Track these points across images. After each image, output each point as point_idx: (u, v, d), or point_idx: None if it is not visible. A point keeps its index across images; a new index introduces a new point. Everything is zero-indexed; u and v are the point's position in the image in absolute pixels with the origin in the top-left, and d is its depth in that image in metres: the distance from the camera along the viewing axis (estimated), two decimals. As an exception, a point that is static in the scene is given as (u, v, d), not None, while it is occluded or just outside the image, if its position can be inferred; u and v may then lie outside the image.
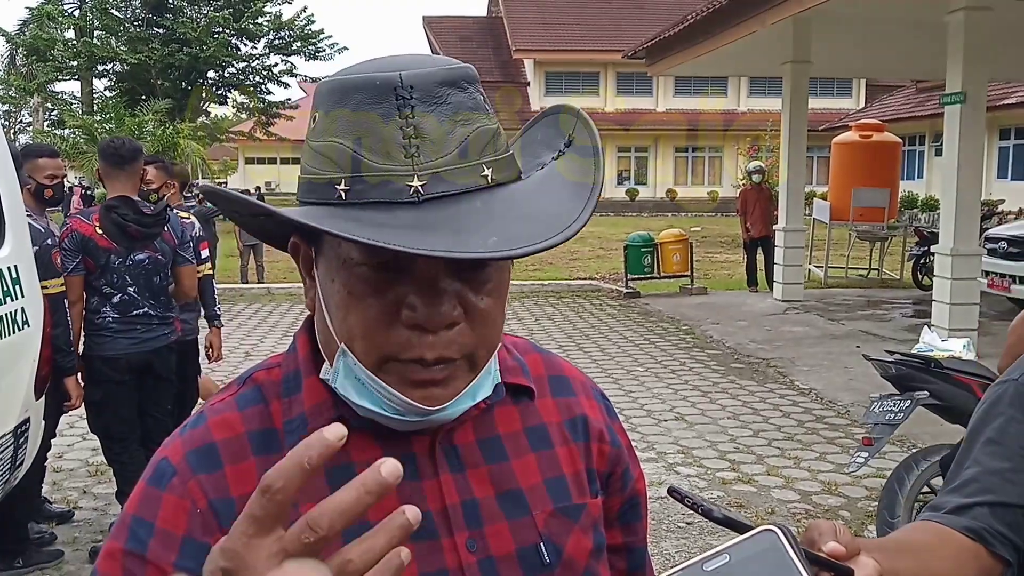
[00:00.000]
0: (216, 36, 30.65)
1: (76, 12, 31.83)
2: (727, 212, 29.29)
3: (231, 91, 32.66)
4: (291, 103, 32.86)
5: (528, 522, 0.91)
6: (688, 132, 35.92)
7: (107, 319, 4.29)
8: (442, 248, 0.72)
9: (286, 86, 33.71)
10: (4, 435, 3.57)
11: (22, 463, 3.81)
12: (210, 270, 5.15)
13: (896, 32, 11.39)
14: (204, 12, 31.44)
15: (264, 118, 31.95)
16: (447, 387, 0.82)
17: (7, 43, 33.13)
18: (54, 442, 4.84)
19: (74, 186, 25.67)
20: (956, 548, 1.10)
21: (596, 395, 1.05)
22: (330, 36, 33.13)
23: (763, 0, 10.28)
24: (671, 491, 0.82)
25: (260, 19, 31.52)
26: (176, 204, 5.38)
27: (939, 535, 1.12)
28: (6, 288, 3.60)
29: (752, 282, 13.53)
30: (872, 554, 0.84)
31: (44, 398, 3.97)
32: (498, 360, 0.90)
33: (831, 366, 8.52)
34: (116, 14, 31.15)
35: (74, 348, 4.26)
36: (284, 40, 32.54)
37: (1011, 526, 1.13)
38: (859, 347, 8.92)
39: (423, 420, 0.83)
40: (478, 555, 0.87)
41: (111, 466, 4.53)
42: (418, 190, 0.76)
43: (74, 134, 25.66)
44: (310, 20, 32.35)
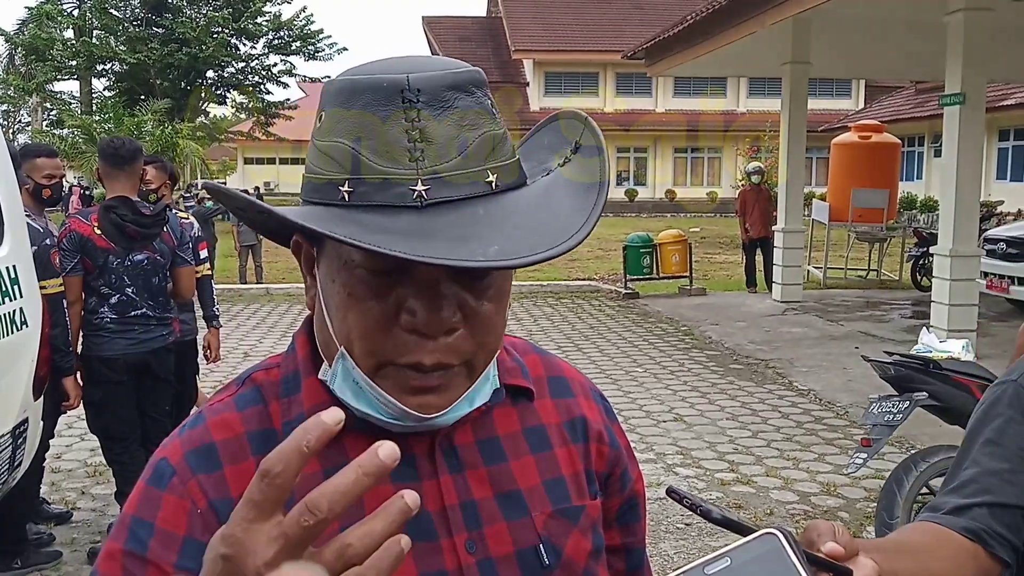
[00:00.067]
0: (215, 36, 30.66)
1: (75, 12, 31.83)
2: (726, 213, 29.28)
3: (230, 91, 32.67)
4: (290, 103, 32.85)
5: (527, 523, 0.90)
6: (687, 133, 35.94)
7: (105, 319, 4.29)
8: (443, 256, 0.72)
9: (285, 86, 33.76)
10: (2, 436, 3.56)
11: (20, 464, 3.81)
12: (209, 270, 5.15)
13: (895, 33, 11.41)
14: (203, 12, 31.45)
15: (263, 118, 31.94)
16: (444, 394, 0.82)
17: (6, 43, 33.15)
18: (52, 443, 4.84)
19: (73, 186, 25.68)
20: (955, 549, 1.10)
21: (595, 396, 1.05)
22: (329, 36, 33.14)
23: (762, 1, 10.28)
24: (670, 492, 0.82)
25: (259, 19, 31.54)
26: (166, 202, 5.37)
27: (938, 536, 1.12)
28: (5, 288, 3.60)
29: (751, 283, 13.53)
30: (871, 555, 0.84)
31: (42, 398, 3.97)
32: (497, 362, 0.90)
33: (830, 367, 8.52)
34: (115, 14, 31.16)
35: (73, 348, 4.26)
36: (283, 40, 32.55)
37: (1010, 527, 1.13)
38: (858, 348, 8.91)
39: (420, 425, 0.84)
40: (477, 556, 0.87)
41: (111, 466, 4.52)
42: (421, 195, 0.76)
43: (73, 134, 25.67)
44: (309, 20, 32.38)
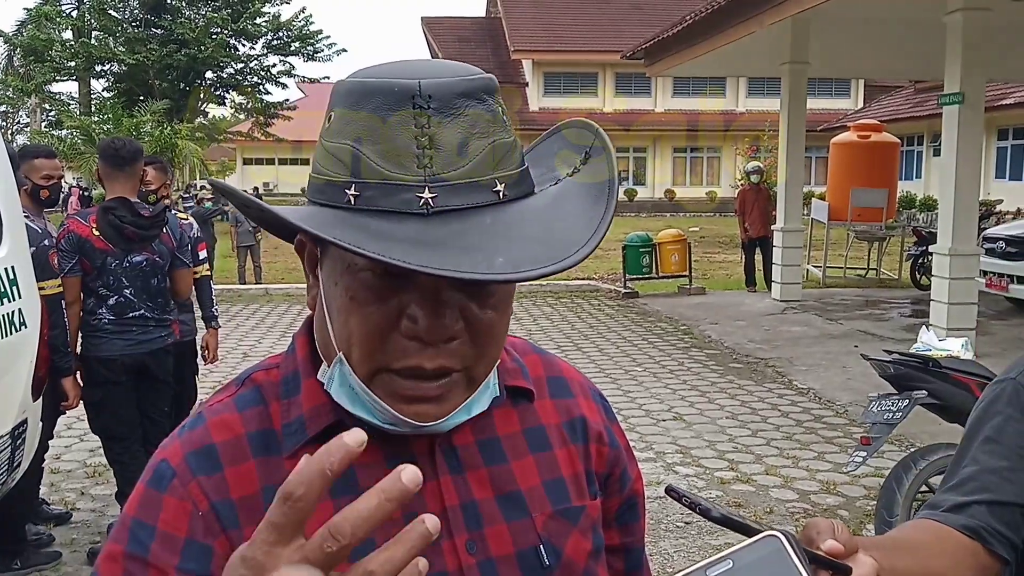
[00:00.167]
0: (214, 37, 30.62)
1: (74, 13, 31.77)
2: (726, 212, 29.28)
3: (229, 92, 32.64)
4: (289, 104, 32.84)
5: (527, 524, 0.90)
6: (687, 132, 35.94)
7: (103, 320, 4.29)
8: (448, 267, 0.71)
9: (284, 87, 33.71)
10: (1, 436, 3.56)
11: (20, 464, 3.80)
12: (208, 271, 5.15)
13: (894, 33, 11.40)
14: (202, 13, 31.40)
15: (262, 119, 31.92)
16: (441, 404, 0.82)
17: (5, 44, 33.09)
18: (52, 443, 4.84)
19: (72, 187, 25.67)
20: (954, 546, 1.10)
21: (594, 396, 1.04)
22: (328, 36, 33.04)
23: (761, 1, 10.27)
24: (669, 490, 0.82)
25: (258, 20, 31.46)
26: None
27: (937, 533, 1.12)
28: (3, 289, 3.60)
29: (750, 282, 13.53)
30: (870, 552, 0.84)
31: (41, 399, 3.97)
32: (498, 364, 0.89)
33: (829, 366, 8.52)
34: (114, 15, 31.11)
35: (71, 349, 4.25)
36: (282, 41, 32.51)
37: (1009, 524, 1.13)
38: (857, 347, 8.91)
39: (415, 431, 0.83)
40: (478, 557, 0.87)
41: (111, 467, 4.52)
42: (428, 202, 0.75)
43: (72, 135, 25.63)
44: (308, 21, 32.32)
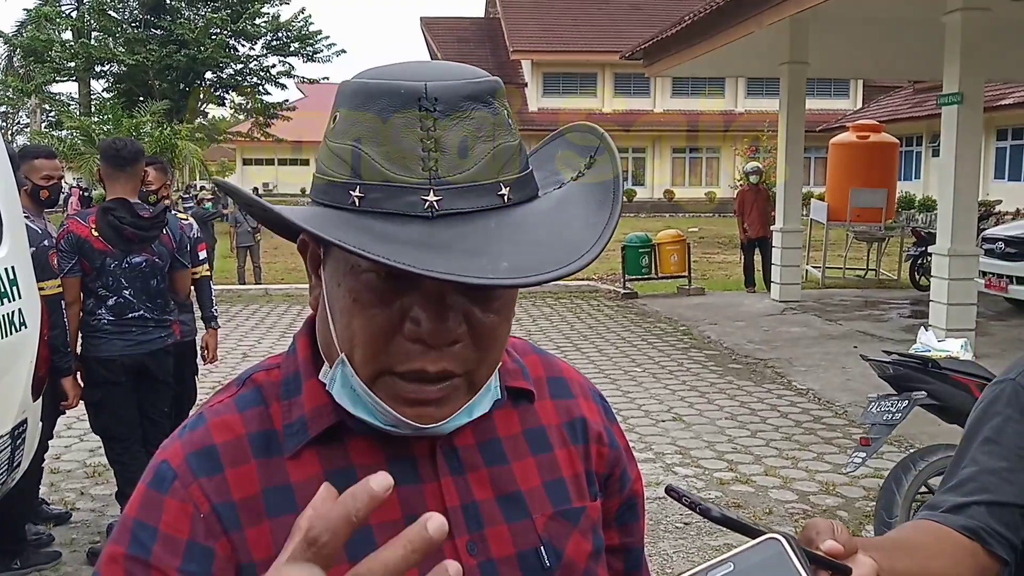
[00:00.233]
0: (214, 37, 30.63)
1: (74, 13, 31.77)
2: (725, 213, 29.26)
3: (229, 92, 32.65)
4: (289, 104, 32.84)
5: (528, 525, 0.91)
6: (686, 133, 35.94)
7: (103, 321, 4.28)
8: (453, 271, 0.71)
9: (283, 87, 33.72)
10: (1, 436, 3.56)
11: (19, 464, 3.81)
12: (207, 271, 5.15)
13: (893, 33, 11.41)
14: (202, 13, 31.42)
15: (262, 119, 31.93)
16: (443, 407, 0.82)
17: (5, 44, 33.10)
18: (52, 443, 4.84)
19: (72, 187, 25.66)
20: (953, 547, 1.10)
21: (594, 396, 1.05)
22: (328, 37, 33.04)
23: (760, 1, 10.28)
24: (669, 490, 0.82)
25: (258, 20, 31.49)
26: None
27: (936, 534, 1.12)
28: (3, 289, 3.60)
29: (749, 283, 13.53)
30: (870, 553, 0.84)
31: (41, 399, 3.97)
32: (499, 365, 0.89)
33: (828, 366, 8.52)
34: (114, 15, 31.14)
35: (71, 349, 4.25)
36: (282, 41, 32.52)
37: (1008, 525, 1.13)
38: (856, 347, 8.91)
39: (417, 433, 0.83)
40: (478, 558, 0.87)
41: (112, 467, 4.52)
42: (433, 205, 0.75)
43: (72, 135, 25.65)
44: (308, 21, 32.34)
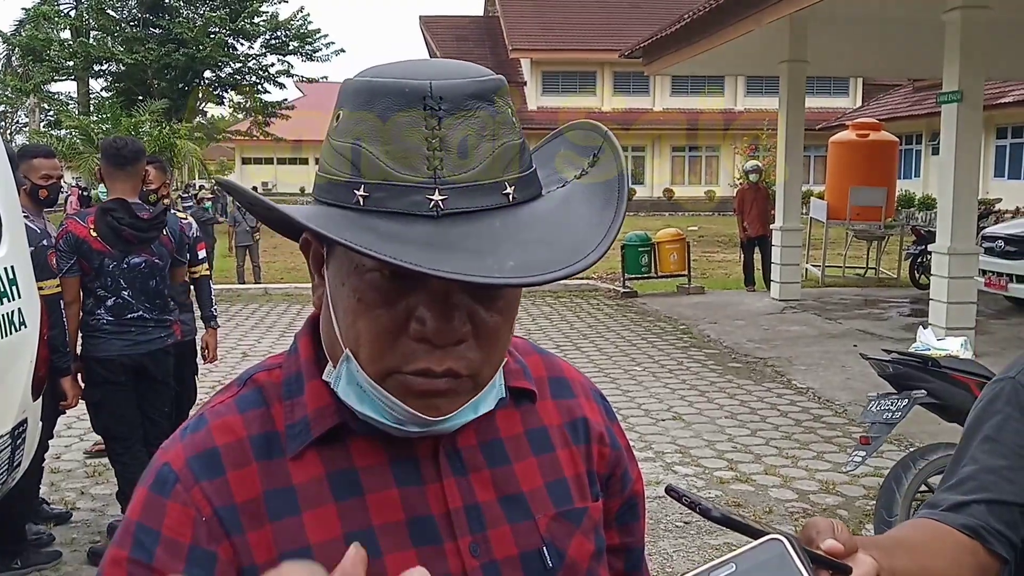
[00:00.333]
0: (213, 36, 30.60)
1: (72, 12, 31.75)
2: (724, 211, 29.27)
3: (228, 91, 32.63)
4: (288, 103, 32.83)
5: (530, 526, 0.90)
6: (686, 131, 35.94)
7: (102, 321, 4.28)
8: (459, 270, 0.71)
9: (282, 87, 33.70)
10: (2, 436, 3.56)
11: (20, 464, 3.80)
12: (207, 271, 5.15)
13: (893, 31, 11.41)
14: (201, 12, 31.38)
15: (261, 118, 31.91)
16: (451, 400, 0.82)
17: (3, 43, 33.07)
18: (52, 443, 4.84)
19: (71, 187, 25.64)
20: (953, 545, 1.10)
21: (595, 396, 1.05)
22: (326, 36, 33.03)
23: (760, 0, 10.28)
24: (669, 490, 0.81)
25: (256, 19, 31.46)
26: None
27: (936, 532, 1.12)
28: (3, 289, 3.60)
29: (749, 281, 13.53)
30: (869, 552, 0.84)
31: (41, 399, 3.96)
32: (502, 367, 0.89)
33: (828, 365, 8.52)
34: (112, 14, 31.11)
35: (70, 349, 4.25)
36: (280, 40, 32.49)
37: (1008, 524, 1.13)
38: (856, 346, 8.92)
39: (423, 430, 0.83)
40: (481, 559, 0.87)
41: (112, 466, 4.51)
42: (438, 204, 0.75)
43: (71, 135, 25.61)
44: (306, 20, 32.32)
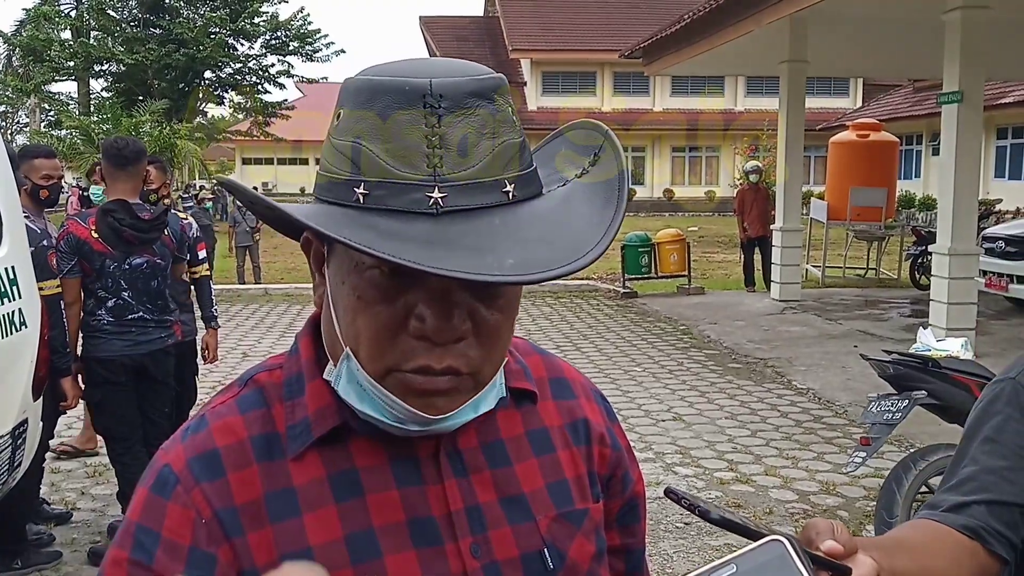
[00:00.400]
0: (213, 36, 30.60)
1: (73, 13, 31.75)
2: (724, 212, 29.26)
3: (228, 91, 32.63)
4: (288, 103, 32.83)
5: (531, 527, 0.90)
6: (686, 132, 35.94)
7: (103, 322, 4.27)
8: (459, 268, 0.71)
9: (282, 87, 33.70)
10: (2, 436, 3.56)
11: (20, 464, 3.80)
12: (207, 271, 5.15)
13: (893, 31, 11.41)
14: (201, 12, 31.38)
15: (261, 118, 31.91)
16: (451, 399, 0.82)
17: (4, 44, 33.11)
18: (52, 443, 4.84)
19: (72, 187, 25.64)
20: (953, 546, 1.10)
21: (596, 397, 1.05)
22: (326, 36, 33.00)
23: (760, 0, 10.28)
24: (668, 492, 0.81)
25: (257, 19, 31.46)
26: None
27: (936, 533, 1.12)
28: (3, 289, 3.60)
29: (749, 282, 13.52)
30: (870, 552, 0.84)
31: (42, 399, 3.96)
32: (502, 367, 0.89)
33: (829, 366, 8.52)
34: (113, 15, 31.11)
35: (70, 349, 4.25)
36: (281, 40, 32.49)
37: (1008, 524, 1.13)
38: (857, 347, 8.91)
39: (424, 429, 0.83)
40: (482, 560, 0.87)
41: (113, 466, 4.51)
42: (437, 202, 0.75)
43: (71, 135, 25.64)
44: (307, 20, 32.32)
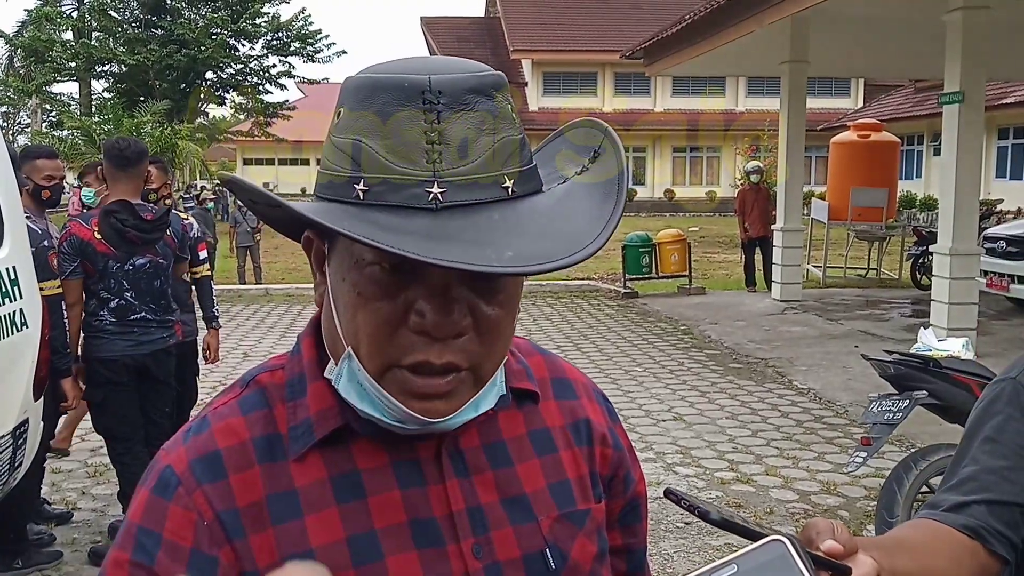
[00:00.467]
0: (214, 37, 30.58)
1: (74, 13, 31.73)
2: (725, 212, 29.27)
3: (229, 92, 32.62)
4: (289, 104, 32.83)
5: (533, 528, 0.90)
6: (686, 132, 35.94)
7: (105, 322, 4.28)
8: (458, 259, 0.72)
9: (283, 88, 33.68)
10: (3, 436, 3.56)
11: (21, 464, 3.81)
12: (208, 271, 5.15)
13: (894, 32, 11.40)
14: (202, 13, 31.36)
15: (262, 119, 31.91)
16: (450, 400, 0.82)
17: (5, 44, 33.07)
18: (52, 443, 4.84)
19: (74, 187, 25.67)
20: (954, 546, 1.10)
21: (597, 397, 1.05)
22: (328, 36, 32.98)
23: (761, 0, 10.28)
24: (667, 493, 0.81)
25: (258, 20, 31.44)
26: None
27: (937, 533, 1.12)
28: (5, 289, 3.60)
29: (750, 282, 13.52)
30: (870, 552, 0.84)
31: (43, 399, 3.97)
32: (504, 365, 0.89)
33: (829, 366, 8.52)
34: (114, 15, 31.09)
35: (71, 350, 4.25)
36: (282, 41, 32.48)
37: (1009, 524, 1.13)
38: (857, 347, 8.91)
39: (424, 428, 0.83)
40: (484, 561, 0.87)
41: (114, 466, 4.52)
42: (437, 197, 0.76)
43: (73, 135, 25.62)
44: (308, 21, 32.30)
